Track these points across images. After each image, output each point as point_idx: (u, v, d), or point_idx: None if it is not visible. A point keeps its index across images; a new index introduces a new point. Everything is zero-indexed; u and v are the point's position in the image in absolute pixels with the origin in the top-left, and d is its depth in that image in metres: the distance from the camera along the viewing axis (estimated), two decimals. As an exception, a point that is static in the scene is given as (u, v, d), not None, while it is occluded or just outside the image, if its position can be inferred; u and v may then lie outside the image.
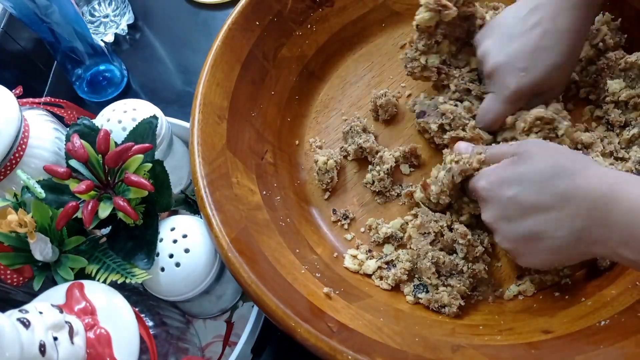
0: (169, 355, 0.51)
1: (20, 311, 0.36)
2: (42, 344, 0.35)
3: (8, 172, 0.52)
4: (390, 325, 0.47)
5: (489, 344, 0.46)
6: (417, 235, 0.52)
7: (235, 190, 0.53)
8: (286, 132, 0.63)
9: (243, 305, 0.62)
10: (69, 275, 0.47)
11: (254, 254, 0.48)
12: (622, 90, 0.56)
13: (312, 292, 0.48)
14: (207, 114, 0.55)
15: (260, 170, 0.57)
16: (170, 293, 0.51)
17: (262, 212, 0.54)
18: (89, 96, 0.77)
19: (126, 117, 0.56)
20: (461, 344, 0.45)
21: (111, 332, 0.41)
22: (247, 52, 0.60)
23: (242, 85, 0.59)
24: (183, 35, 0.83)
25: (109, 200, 0.47)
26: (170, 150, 0.61)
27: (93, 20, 0.82)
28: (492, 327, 0.49)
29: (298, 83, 0.65)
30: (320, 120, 0.65)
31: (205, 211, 0.49)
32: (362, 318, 0.47)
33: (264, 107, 0.61)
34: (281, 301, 0.44)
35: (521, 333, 0.47)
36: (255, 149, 0.58)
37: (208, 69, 0.57)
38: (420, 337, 0.46)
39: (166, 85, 0.78)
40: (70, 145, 0.47)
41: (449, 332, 0.48)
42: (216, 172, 0.52)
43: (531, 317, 0.49)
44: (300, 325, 0.43)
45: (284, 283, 0.47)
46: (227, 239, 0.47)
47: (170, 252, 0.50)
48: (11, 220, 0.43)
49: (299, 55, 0.65)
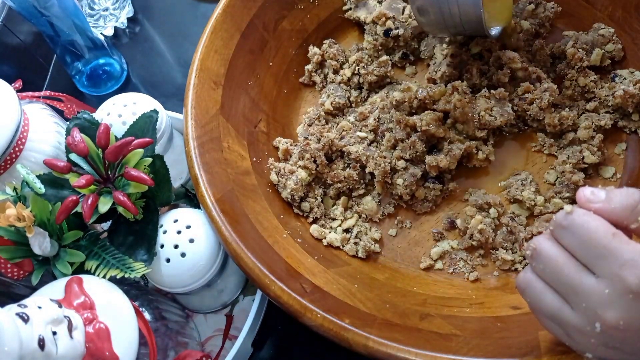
0: (168, 350, 0.52)
1: (19, 306, 0.36)
2: (41, 339, 0.35)
3: (8, 166, 0.52)
4: (364, 291, 0.48)
5: (457, 315, 0.47)
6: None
7: (225, 154, 0.54)
8: (282, 103, 0.64)
9: (244, 299, 0.62)
10: (67, 269, 0.47)
11: (237, 215, 0.50)
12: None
13: (290, 255, 0.50)
14: (203, 79, 0.56)
15: (252, 137, 0.59)
16: (176, 284, 0.51)
17: (250, 178, 0.55)
18: (88, 90, 0.77)
19: (126, 111, 0.56)
20: (430, 313, 0.47)
21: (110, 327, 0.41)
22: (247, 21, 0.61)
23: (240, 54, 0.60)
24: (183, 28, 0.82)
25: (108, 195, 0.47)
26: (170, 145, 0.61)
27: (92, 13, 0.81)
28: (463, 300, 0.50)
29: (297, 56, 0.66)
30: (316, 95, 0.65)
31: (193, 171, 0.51)
32: (336, 282, 0.48)
33: (260, 77, 0.62)
34: (259, 260, 0.46)
35: (490, 307, 0.48)
36: (249, 116, 0.60)
37: (207, 35, 0.58)
38: (391, 304, 0.47)
39: (166, 79, 0.78)
40: (71, 139, 0.46)
41: (420, 302, 0.49)
42: (207, 135, 0.54)
43: (503, 294, 0.50)
44: (275, 283, 0.44)
45: (264, 244, 0.49)
46: (213, 199, 0.49)
47: (175, 243, 0.50)
48: (9, 214, 0.43)
49: (299, 29, 0.66)
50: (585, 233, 0.32)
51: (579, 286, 0.32)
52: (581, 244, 0.32)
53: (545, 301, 0.35)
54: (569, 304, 0.33)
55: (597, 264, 0.32)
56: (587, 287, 0.32)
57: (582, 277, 0.32)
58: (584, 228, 0.32)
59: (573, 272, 0.33)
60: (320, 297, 0.45)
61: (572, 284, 0.33)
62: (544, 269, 0.34)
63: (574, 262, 0.33)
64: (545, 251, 0.34)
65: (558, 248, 0.34)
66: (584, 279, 0.32)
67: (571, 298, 0.33)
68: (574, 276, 0.33)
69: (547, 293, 0.34)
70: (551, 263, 0.34)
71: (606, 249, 0.31)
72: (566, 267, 0.33)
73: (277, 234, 0.51)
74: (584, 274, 0.32)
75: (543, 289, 0.35)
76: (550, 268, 0.34)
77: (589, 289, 0.32)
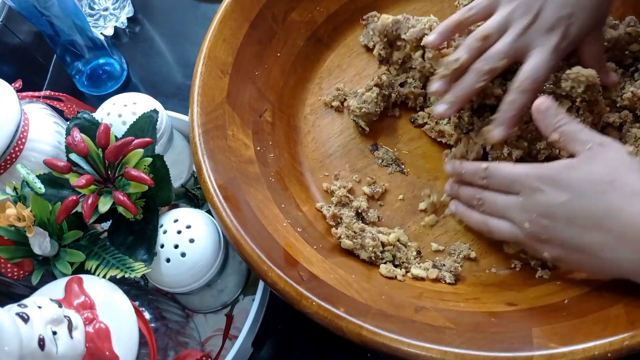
0: (168, 349, 0.52)
1: (19, 305, 0.36)
2: (41, 339, 0.35)
3: (8, 166, 0.52)
4: (361, 282, 0.49)
5: (452, 309, 0.47)
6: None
7: (229, 142, 0.55)
8: (288, 94, 0.64)
9: (244, 299, 0.62)
10: (67, 269, 0.47)
11: (238, 202, 0.50)
12: None
13: (289, 244, 0.50)
14: (211, 67, 0.57)
15: (257, 127, 0.59)
16: (176, 284, 0.51)
17: (254, 166, 0.55)
18: (88, 90, 0.77)
19: (126, 111, 0.56)
20: (425, 305, 0.47)
21: (110, 327, 0.41)
22: (256, 11, 0.62)
23: (248, 44, 0.61)
24: (183, 28, 0.82)
25: (109, 195, 0.47)
26: (170, 144, 0.61)
27: (92, 13, 0.81)
28: (459, 295, 0.50)
29: (305, 48, 0.66)
30: (323, 87, 0.65)
31: (197, 157, 0.51)
32: (334, 272, 0.49)
33: (268, 67, 0.62)
34: (258, 247, 0.46)
35: (486, 303, 0.48)
36: (254, 106, 0.60)
37: (216, 24, 0.59)
38: (387, 296, 0.48)
39: (166, 79, 0.78)
40: (71, 139, 0.46)
41: (416, 295, 0.49)
42: (212, 122, 0.54)
43: (500, 290, 0.50)
44: (272, 270, 0.45)
45: (264, 232, 0.49)
46: (215, 185, 0.49)
47: (175, 243, 0.50)
48: (9, 214, 0.43)
49: (308, 21, 0.66)
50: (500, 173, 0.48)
51: (502, 201, 0.47)
52: (502, 179, 0.47)
53: (495, 223, 0.49)
54: (506, 218, 0.47)
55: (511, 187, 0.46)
56: (508, 200, 0.47)
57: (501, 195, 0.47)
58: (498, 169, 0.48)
59: (494, 194, 0.48)
60: (316, 285, 0.46)
61: (496, 202, 0.48)
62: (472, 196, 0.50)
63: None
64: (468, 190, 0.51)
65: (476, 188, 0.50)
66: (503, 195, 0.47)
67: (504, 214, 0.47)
68: (495, 196, 0.48)
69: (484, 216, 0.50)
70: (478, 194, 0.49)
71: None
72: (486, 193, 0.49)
73: (277, 222, 0.52)
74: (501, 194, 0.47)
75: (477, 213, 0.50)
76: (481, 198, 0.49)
77: (510, 201, 0.46)
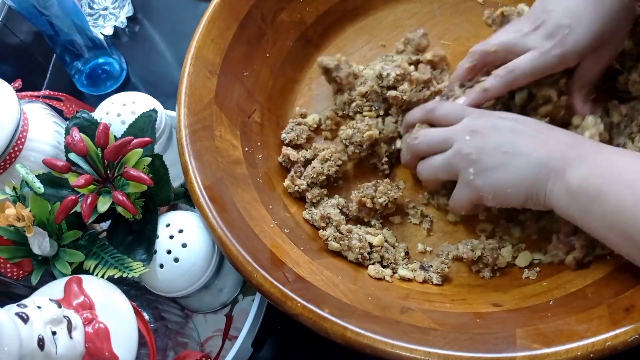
0: (167, 350, 0.52)
1: (19, 306, 0.36)
2: (40, 339, 0.35)
3: (7, 166, 0.52)
4: (347, 283, 0.49)
5: (438, 310, 0.47)
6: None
7: (216, 142, 0.54)
8: (277, 95, 0.63)
9: (243, 299, 0.62)
10: (66, 269, 0.47)
11: (224, 203, 0.50)
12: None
13: (276, 245, 0.50)
14: (198, 67, 0.56)
15: (245, 127, 0.59)
16: (170, 289, 0.51)
17: (241, 167, 0.55)
18: (88, 89, 0.77)
19: (125, 111, 0.56)
20: (411, 307, 0.47)
21: (110, 327, 0.41)
22: (245, 12, 0.61)
23: (237, 44, 0.60)
24: (183, 27, 0.82)
25: (108, 195, 0.47)
26: (169, 144, 0.61)
27: (92, 12, 0.81)
28: (445, 296, 0.50)
29: (294, 49, 0.65)
30: (312, 88, 0.65)
31: (183, 158, 0.51)
32: (320, 274, 0.49)
33: (257, 68, 0.62)
34: (243, 248, 0.47)
35: (471, 304, 0.49)
36: (243, 107, 0.60)
37: (204, 24, 0.58)
38: (373, 297, 0.48)
39: (166, 78, 0.78)
40: (70, 139, 0.46)
41: (402, 296, 0.49)
42: (200, 123, 0.54)
43: (485, 291, 0.51)
44: (258, 271, 0.45)
45: (251, 233, 0.49)
46: (201, 186, 0.50)
47: (167, 248, 0.50)
48: (9, 214, 0.43)
49: (298, 21, 0.65)
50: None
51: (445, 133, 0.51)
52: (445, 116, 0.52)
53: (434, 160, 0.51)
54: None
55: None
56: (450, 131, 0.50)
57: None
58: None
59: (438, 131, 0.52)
60: (302, 286, 0.46)
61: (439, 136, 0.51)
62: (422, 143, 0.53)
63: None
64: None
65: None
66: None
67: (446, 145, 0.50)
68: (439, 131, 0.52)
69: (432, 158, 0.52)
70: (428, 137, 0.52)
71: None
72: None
73: (264, 223, 0.52)
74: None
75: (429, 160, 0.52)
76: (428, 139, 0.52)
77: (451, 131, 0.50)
